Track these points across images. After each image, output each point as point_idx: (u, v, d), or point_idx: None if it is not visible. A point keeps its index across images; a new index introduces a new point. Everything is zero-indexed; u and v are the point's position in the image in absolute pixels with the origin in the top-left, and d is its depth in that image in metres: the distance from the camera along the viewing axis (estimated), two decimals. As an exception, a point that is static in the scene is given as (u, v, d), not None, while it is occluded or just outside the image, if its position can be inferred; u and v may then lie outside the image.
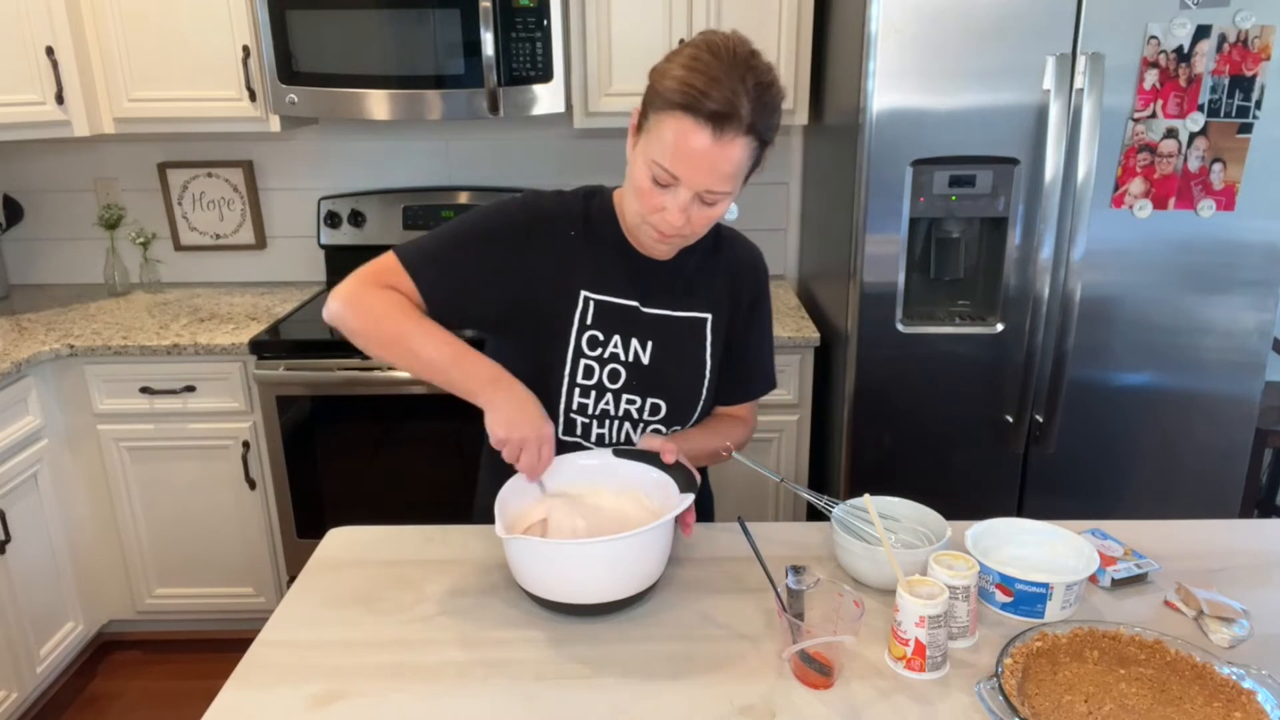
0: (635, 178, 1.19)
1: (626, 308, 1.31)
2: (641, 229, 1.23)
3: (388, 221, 2.82)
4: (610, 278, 1.30)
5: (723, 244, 1.39)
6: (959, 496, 2.24)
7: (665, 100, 1.11)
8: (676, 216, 1.16)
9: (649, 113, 1.16)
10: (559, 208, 1.31)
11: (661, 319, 1.33)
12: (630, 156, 1.21)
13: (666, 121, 1.12)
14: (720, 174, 1.13)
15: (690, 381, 1.35)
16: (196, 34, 2.40)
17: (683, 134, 1.10)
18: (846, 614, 1.06)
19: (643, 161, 1.16)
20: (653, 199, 1.17)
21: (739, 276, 1.39)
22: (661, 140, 1.12)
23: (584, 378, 1.30)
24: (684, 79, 1.10)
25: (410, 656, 1.09)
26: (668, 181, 1.14)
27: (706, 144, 1.10)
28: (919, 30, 1.96)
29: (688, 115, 1.10)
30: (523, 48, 2.34)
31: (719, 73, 1.09)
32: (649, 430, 1.35)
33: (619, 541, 1.10)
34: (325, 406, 2.39)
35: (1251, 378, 2.16)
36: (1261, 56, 1.94)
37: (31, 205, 2.92)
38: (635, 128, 1.20)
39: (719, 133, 1.10)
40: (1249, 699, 0.95)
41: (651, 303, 1.32)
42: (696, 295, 1.35)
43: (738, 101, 1.09)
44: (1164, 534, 1.35)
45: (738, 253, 1.41)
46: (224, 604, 2.60)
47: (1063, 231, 2.03)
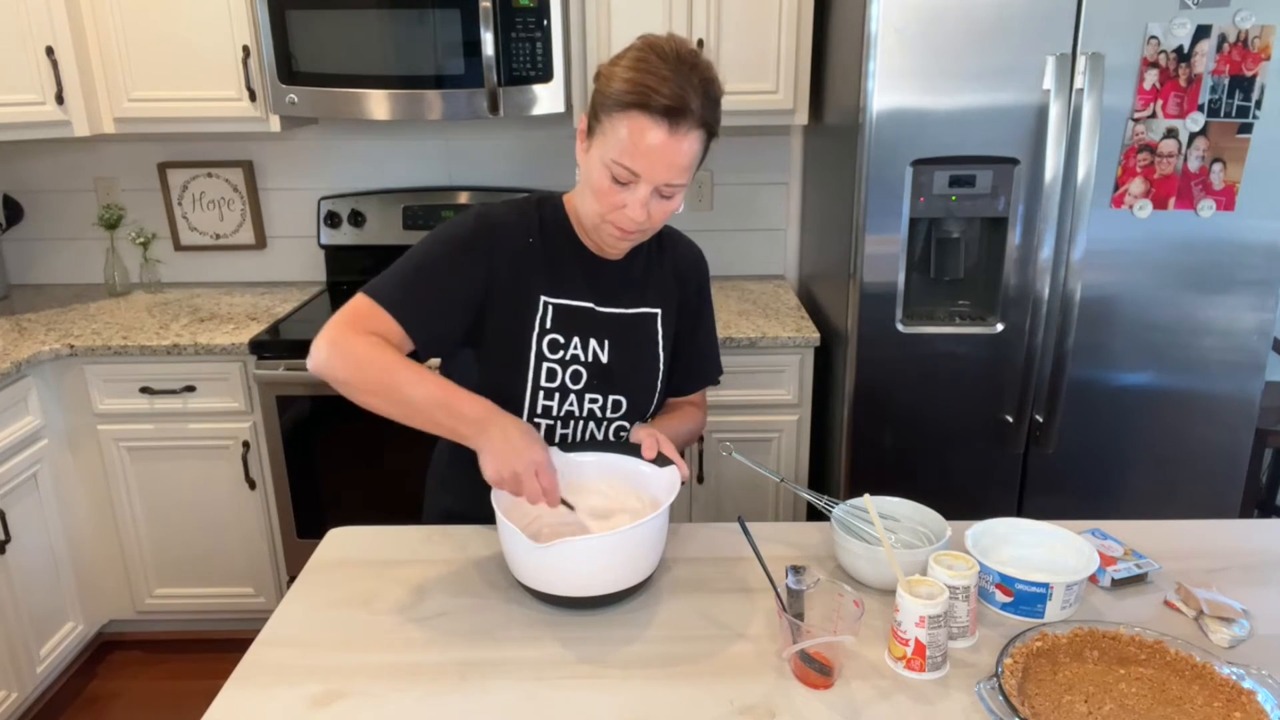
0: (593, 179, 1.22)
1: (583, 309, 1.34)
2: (602, 229, 1.26)
3: (388, 221, 2.82)
4: (567, 281, 1.34)
5: (665, 242, 1.44)
6: (959, 496, 2.24)
7: (617, 101, 1.16)
8: (638, 212, 1.20)
9: (599, 115, 1.19)
10: (513, 216, 1.33)
11: (616, 317, 1.37)
12: (582, 160, 1.25)
13: (621, 121, 1.16)
14: (677, 167, 1.18)
15: (647, 376, 1.40)
16: (196, 34, 2.41)
17: (639, 131, 1.15)
18: (846, 614, 1.06)
19: (599, 163, 1.20)
20: (613, 197, 1.21)
21: (683, 271, 1.45)
22: (618, 139, 1.16)
23: (547, 380, 1.32)
24: (634, 79, 1.14)
25: (410, 656, 1.09)
26: (628, 179, 1.18)
27: (663, 139, 1.15)
28: (919, 30, 1.96)
29: (643, 113, 1.14)
30: (523, 48, 2.34)
31: (666, 71, 1.14)
32: (614, 427, 1.39)
33: (618, 535, 1.11)
34: (325, 406, 2.39)
35: (1251, 378, 2.16)
36: (1261, 56, 1.94)
37: (31, 205, 2.92)
38: (585, 132, 1.24)
39: (674, 127, 1.15)
40: (1249, 699, 0.95)
41: (606, 302, 1.37)
42: (647, 292, 1.40)
43: (688, 97, 1.14)
44: (1164, 534, 1.35)
45: (680, 250, 1.46)
46: (224, 604, 2.61)
47: (1063, 231, 2.04)
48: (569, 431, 1.36)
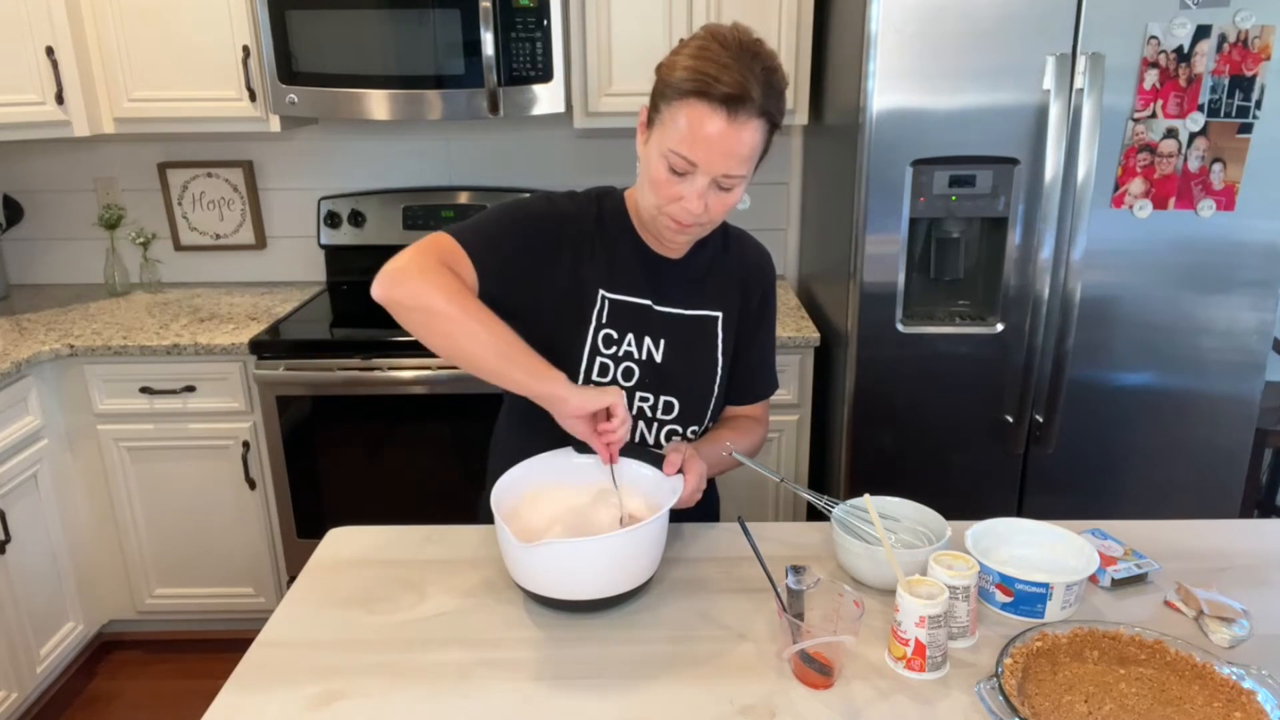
0: (651, 170, 1.20)
1: (640, 306, 1.32)
2: (659, 222, 1.24)
3: (388, 221, 2.82)
4: (624, 276, 1.31)
5: (731, 243, 1.40)
6: (959, 496, 2.24)
7: (677, 89, 1.14)
8: (695, 204, 1.17)
9: (660, 105, 1.18)
10: (574, 208, 1.32)
11: (674, 317, 1.34)
12: (642, 152, 1.22)
13: (680, 109, 1.14)
14: (736, 157, 1.15)
15: (702, 380, 1.36)
16: (196, 34, 2.41)
17: (698, 119, 1.13)
18: (846, 614, 1.05)
19: (658, 153, 1.18)
20: (670, 189, 1.18)
21: (748, 276, 1.40)
22: (677, 128, 1.14)
23: (599, 375, 1.31)
24: (694, 67, 1.13)
25: (410, 656, 1.09)
26: (685, 169, 1.16)
27: (722, 127, 1.12)
28: (919, 30, 1.96)
29: (702, 101, 1.12)
30: (523, 48, 2.34)
31: (728, 59, 1.12)
32: (665, 430, 1.36)
33: (615, 538, 1.11)
34: (325, 406, 2.39)
35: (1251, 378, 2.16)
36: (1261, 56, 1.94)
37: (31, 205, 2.92)
38: (645, 123, 1.22)
39: (733, 116, 1.12)
40: (1249, 699, 0.95)
41: (664, 301, 1.34)
42: (708, 294, 1.36)
43: (749, 85, 1.12)
44: (1164, 534, 1.35)
45: (747, 252, 1.42)
46: (224, 604, 2.60)
47: (1063, 231, 2.03)
48: None
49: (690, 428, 1.38)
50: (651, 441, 1.36)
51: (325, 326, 2.57)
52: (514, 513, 1.22)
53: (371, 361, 2.34)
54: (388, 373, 2.34)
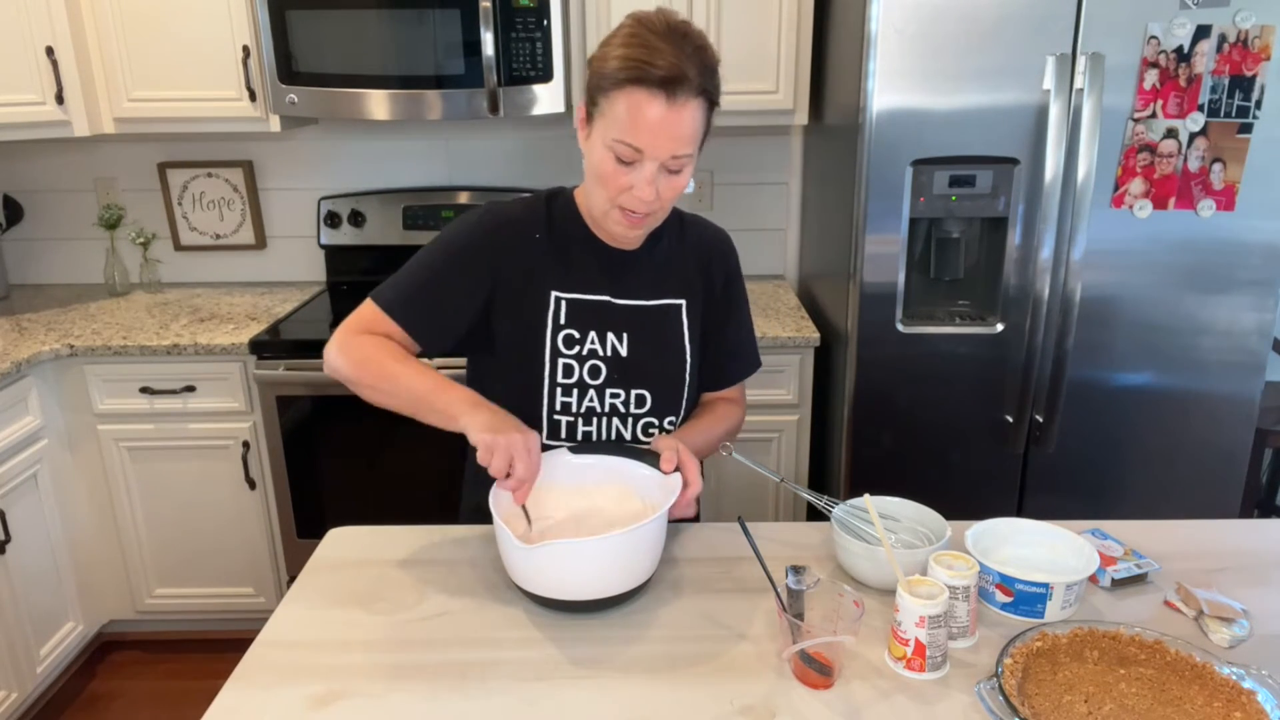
0: (597, 165, 1.20)
1: (598, 303, 1.33)
2: (610, 216, 1.24)
3: (388, 221, 2.82)
4: (579, 275, 1.32)
5: (687, 230, 1.41)
6: (959, 496, 2.24)
7: (613, 79, 1.15)
8: (647, 191, 1.18)
9: (597, 99, 1.18)
10: (521, 212, 1.33)
11: (636, 309, 1.35)
12: (585, 148, 1.24)
13: (619, 99, 1.15)
14: (680, 138, 1.16)
15: (672, 369, 1.36)
16: (196, 34, 2.41)
17: (638, 105, 1.14)
18: (846, 614, 1.05)
19: (602, 146, 1.19)
20: (619, 180, 1.19)
21: (708, 260, 1.41)
22: (618, 118, 1.15)
23: (564, 377, 1.31)
24: (627, 55, 1.14)
25: (410, 656, 1.09)
26: (631, 158, 1.17)
27: (663, 110, 1.14)
28: (919, 30, 1.96)
29: (639, 87, 1.13)
30: (523, 48, 2.34)
31: (658, 43, 1.14)
32: (641, 424, 1.36)
33: (613, 539, 1.10)
34: (325, 406, 2.39)
35: (1251, 378, 2.16)
36: (1261, 56, 1.94)
37: (31, 205, 2.92)
38: (584, 120, 1.23)
39: (672, 98, 1.14)
40: (1249, 699, 0.95)
41: (624, 294, 1.34)
42: (668, 282, 1.37)
43: (684, 65, 1.13)
44: (1164, 534, 1.35)
45: (704, 237, 1.42)
46: (224, 604, 2.61)
47: (1063, 231, 2.03)
48: (592, 429, 1.34)
49: (667, 418, 1.37)
50: (629, 436, 1.36)
51: (325, 326, 2.57)
52: (513, 514, 1.21)
53: (371, 361, 2.34)
54: (388, 373, 2.34)
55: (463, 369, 1.84)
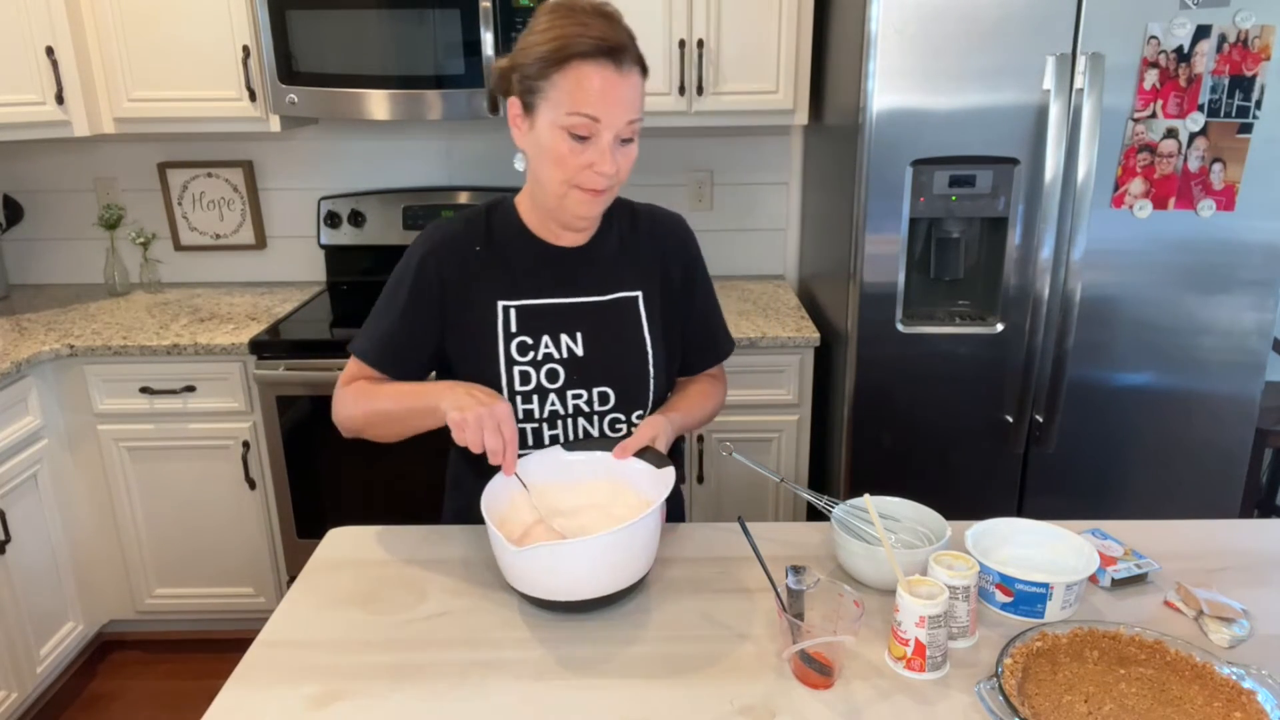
0: (550, 149, 1.20)
1: (549, 306, 1.33)
2: (569, 199, 1.23)
3: (388, 221, 2.82)
4: (525, 281, 1.32)
5: (640, 220, 1.40)
6: (959, 496, 2.24)
7: (553, 59, 1.16)
8: (608, 162, 1.19)
9: (536, 87, 1.19)
10: (460, 228, 1.34)
11: (588, 307, 1.34)
12: (529, 141, 1.24)
13: (568, 74, 1.16)
14: (632, 104, 1.19)
15: (633, 364, 1.35)
16: (196, 34, 2.41)
17: (588, 76, 1.15)
18: (846, 614, 1.05)
19: (553, 129, 1.18)
20: (578, 158, 1.19)
21: (664, 249, 1.40)
22: (568, 94, 1.16)
23: (521, 384, 1.31)
24: (564, 34, 1.16)
25: (410, 656, 1.09)
26: (588, 130, 1.17)
27: (613, 77, 1.16)
28: (919, 30, 1.96)
29: (586, 60, 1.15)
30: (523, 48, 2.34)
31: (587, 19, 1.17)
32: (608, 420, 1.35)
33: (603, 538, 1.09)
34: (325, 406, 2.36)
35: (1251, 378, 2.16)
36: (1261, 56, 1.94)
37: (31, 205, 2.92)
38: (520, 115, 1.23)
39: (618, 65, 1.17)
40: (1249, 699, 0.95)
41: (574, 293, 1.33)
42: (622, 275, 1.36)
43: (620, 36, 1.18)
44: (1164, 534, 1.35)
45: (658, 224, 1.42)
46: (224, 604, 2.61)
47: (1063, 231, 2.04)
48: (559, 431, 1.34)
49: (634, 413, 1.36)
50: (595, 434, 1.36)
51: (325, 326, 2.57)
52: (506, 515, 1.21)
53: (371, 361, 2.34)
54: (388, 373, 2.34)
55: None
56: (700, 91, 2.44)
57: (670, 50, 2.40)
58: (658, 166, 2.83)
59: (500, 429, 1.17)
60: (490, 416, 1.16)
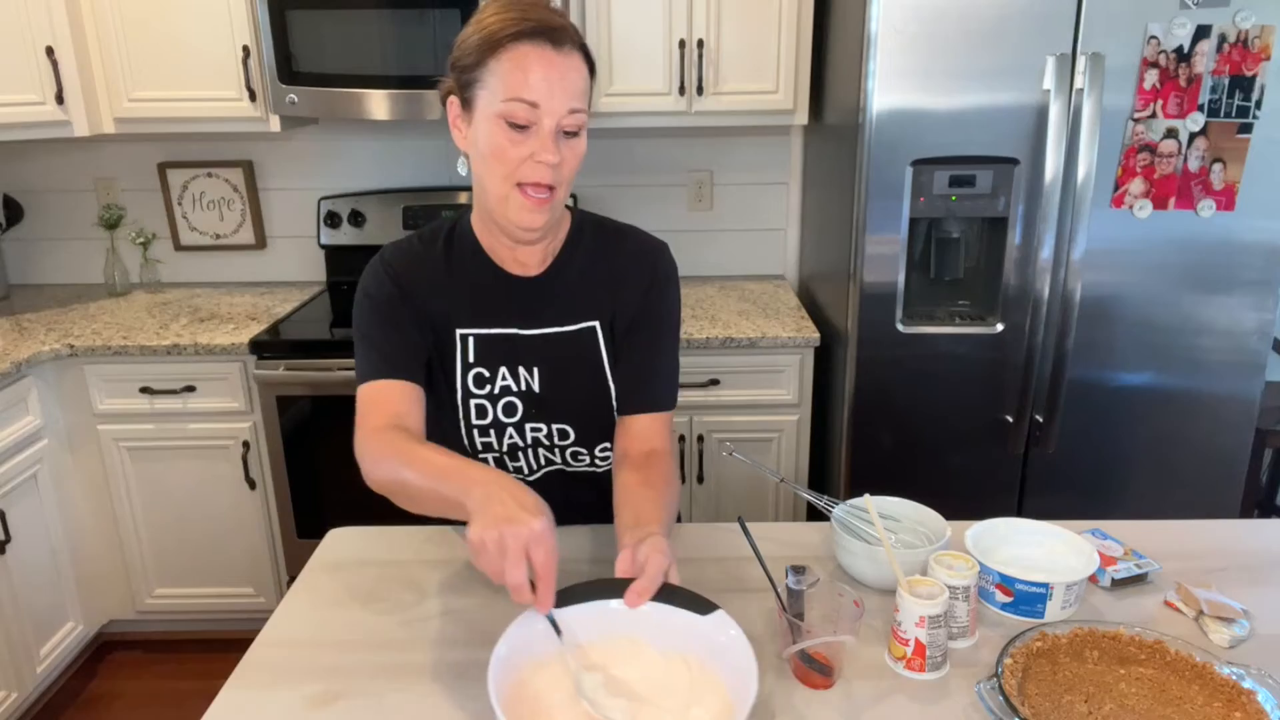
0: (489, 143, 1.13)
1: (505, 336, 1.26)
2: (510, 202, 1.14)
3: (388, 221, 2.82)
4: (484, 308, 1.25)
5: (611, 242, 1.30)
6: (959, 496, 2.24)
7: (491, 44, 1.10)
8: (550, 151, 1.10)
9: (474, 80, 1.13)
10: (419, 250, 1.26)
11: (545, 339, 1.26)
12: (469, 142, 1.18)
13: (504, 58, 1.10)
14: (573, 89, 1.11)
15: (593, 399, 1.28)
16: (196, 34, 2.41)
17: (525, 57, 1.09)
18: (846, 614, 1.05)
19: (491, 119, 1.12)
20: (517, 150, 1.11)
21: (625, 273, 1.28)
22: (505, 79, 1.09)
23: (478, 418, 1.26)
24: (501, 18, 1.11)
25: (410, 656, 1.09)
26: (526, 118, 1.10)
27: (552, 57, 1.10)
28: (919, 30, 1.96)
29: (523, 41, 1.09)
30: (523, 48, 2.34)
31: (525, 4, 1.12)
32: (570, 452, 1.29)
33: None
34: (325, 406, 2.39)
35: (1251, 378, 2.16)
36: (1261, 56, 1.94)
37: (31, 205, 2.92)
38: (458, 116, 1.18)
39: (558, 46, 1.10)
40: (1249, 699, 0.95)
41: (532, 324, 1.26)
42: (580, 305, 1.27)
43: (557, 18, 1.12)
44: (1164, 534, 1.35)
45: (629, 249, 1.30)
46: (224, 604, 2.60)
47: (1063, 231, 2.04)
48: (521, 463, 1.30)
49: (598, 445, 1.30)
50: (559, 463, 1.29)
51: (325, 326, 2.57)
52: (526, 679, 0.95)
53: (371, 361, 2.34)
54: (388, 373, 2.34)
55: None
56: (700, 91, 2.44)
57: (670, 50, 2.40)
58: (658, 166, 2.83)
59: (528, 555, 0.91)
60: (515, 540, 0.90)
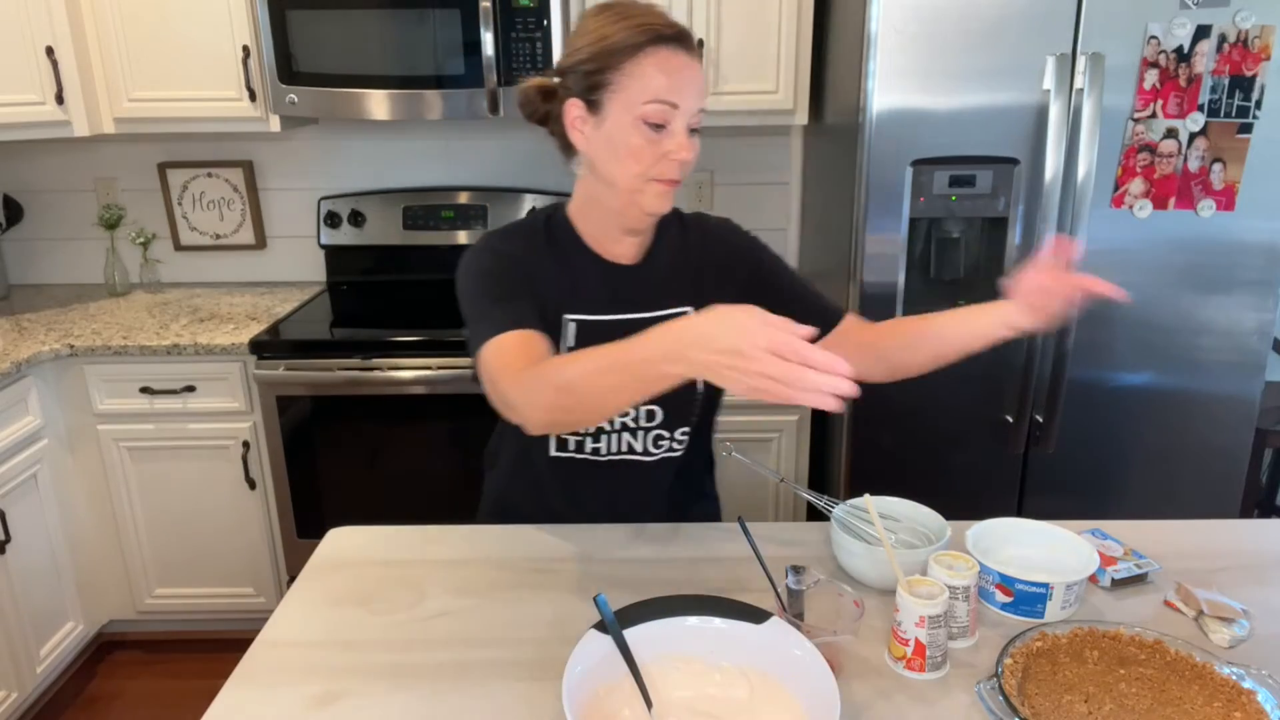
0: (623, 145, 1.17)
1: (605, 322, 1.29)
2: (645, 193, 1.20)
3: (388, 221, 2.82)
4: (585, 295, 1.29)
5: (689, 231, 1.38)
6: (959, 496, 2.24)
7: (622, 52, 1.15)
8: (687, 148, 1.18)
9: (603, 82, 1.16)
10: (525, 237, 1.29)
11: (641, 323, 1.26)
12: (592, 142, 1.20)
13: (642, 62, 1.15)
14: (702, 90, 1.19)
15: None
16: (196, 34, 2.41)
17: (665, 61, 1.15)
18: (846, 614, 1.05)
19: (626, 121, 1.16)
20: (654, 149, 1.17)
21: (721, 257, 1.36)
22: (645, 81, 1.14)
23: None
24: (634, 24, 1.15)
25: (410, 656, 1.09)
26: (664, 118, 1.16)
27: (686, 61, 1.17)
28: (919, 30, 1.96)
29: (660, 45, 1.15)
30: (523, 48, 2.34)
31: (642, 10, 1.17)
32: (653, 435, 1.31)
33: None
34: (325, 406, 2.39)
35: (1251, 378, 2.16)
36: (1261, 56, 1.94)
37: (31, 205, 2.92)
38: (582, 117, 1.20)
39: (689, 51, 1.17)
40: (1249, 699, 0.95)
41: (628, 309, 1.30)
42: (675, 290, 1.33)
43: (680, 26, 1.17)
44: (1164, 534, 1.35)
45: (707, 234, 1.38)
46: (224, 604, 2.61)
47: (1063, 231, 2.03)
48: (602, 444, 1.32)
49: (679, 429, 1.35)
50: (640, 449, 1.33)
51: (325, 326, 2.57)
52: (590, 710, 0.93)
53: (371, 361, 2.34)
54: (388, 373, 2.34)
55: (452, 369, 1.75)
56: (700, 91, 2.43)
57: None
58: (658, 166, 2.84)
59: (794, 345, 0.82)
60: (778, 331, 0.83)
